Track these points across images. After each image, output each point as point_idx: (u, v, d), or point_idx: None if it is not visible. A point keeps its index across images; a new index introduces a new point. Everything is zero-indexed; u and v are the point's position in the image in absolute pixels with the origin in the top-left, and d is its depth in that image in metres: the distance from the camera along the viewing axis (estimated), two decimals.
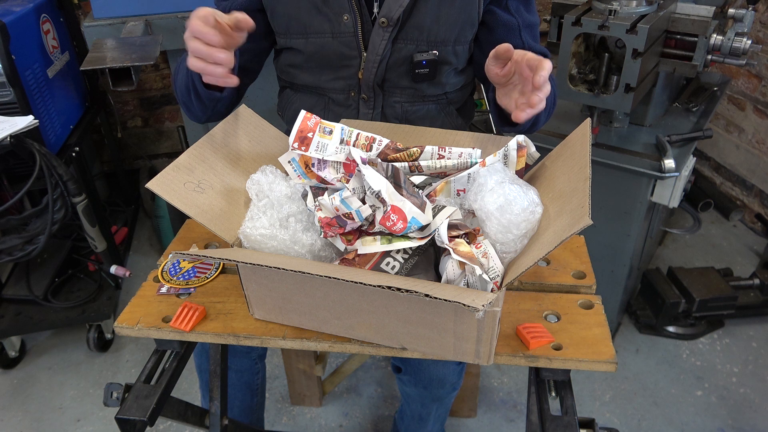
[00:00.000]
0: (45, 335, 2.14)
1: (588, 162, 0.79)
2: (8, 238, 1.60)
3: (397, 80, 1.16)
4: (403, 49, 1.12)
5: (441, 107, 1.23)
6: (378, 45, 1.10)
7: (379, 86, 1.17)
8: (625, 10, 1.50)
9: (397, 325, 0.81)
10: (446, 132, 1.04)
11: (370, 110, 1.20)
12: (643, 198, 1.69)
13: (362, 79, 1.16)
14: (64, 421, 1.84)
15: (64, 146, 1.85)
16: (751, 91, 2.48)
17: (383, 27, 1.09)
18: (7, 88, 1.57)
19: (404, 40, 1.11)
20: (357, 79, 1.17)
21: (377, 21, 1.09)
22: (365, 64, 1.13)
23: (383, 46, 1.10)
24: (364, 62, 1.14)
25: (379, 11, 1.09)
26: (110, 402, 0.94)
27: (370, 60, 1.13)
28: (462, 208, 0.88)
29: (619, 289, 1.91)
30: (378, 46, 1.11)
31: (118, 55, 1.58)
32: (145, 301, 0.96)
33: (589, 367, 0.83)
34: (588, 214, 0.68)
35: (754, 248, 2.48)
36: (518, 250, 0.81)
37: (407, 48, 1.12)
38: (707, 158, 2.79)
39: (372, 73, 1.14)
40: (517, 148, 0.91)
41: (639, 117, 1.78)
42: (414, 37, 1.11)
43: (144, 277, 1.02)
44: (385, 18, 1.08)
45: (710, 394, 1.87)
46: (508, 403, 1.86)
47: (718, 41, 1.56)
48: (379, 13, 1.09)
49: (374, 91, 1.17)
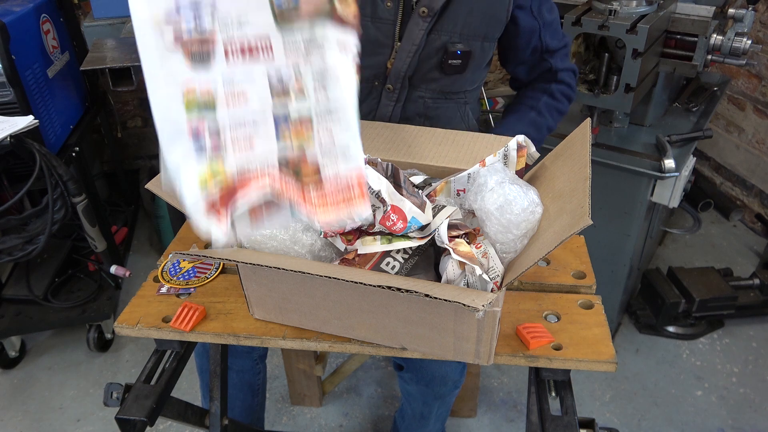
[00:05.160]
0: (45, 335, 2.14)
1: (588, 162, 0.79)
2: (8, 238, 1.60)
3: (426, 72, 1.15)
4: (436, 41, 1.11)
5: (458, 106, 1.23)
6: (415, 35, 1.09)
7: (408, 78, 1.15)
8: (625, 10, 1.51)
9: (397, 325, 0.81)
10: (446, 132, 1.04)
11: (392, 102, 1.18)
12: (643, 198, 1.69)
13: (391, 69, 1.14)
14: (64, 421, 1.84)
15: (64, 146, 1.85)
16: (751, 91, 2.48)
17: (422, 17, 1.08)
18: (7, 88, 1.57)
19: (438, 31, 1.10)
20: (385, 68, 1.15)
21: (416, 10, 1.08)
22: (398, 54, 1.12)
23: (420, 36, 1.09)
24: (396, 51, 1.12)
25: (419, 0, 1.07)
26: (110, 402, 0.94)
27: (404, 49, 1.11)
28: (462, 208, 0.88)
29: (619, 289, 1.91)
30: (415, 35, 1.09)
31: (118, 55, 1.59)
32: (145, 301, 0.96)
33: (589, 367, 0.83)
34: (588, 214, 0.68)
35: (754, 248, 2.48)
36: (518, 250, 0.81)
37: (441, 39, 1.11)
38: (707, 158, 2.79)
39: (405, 63, 1.12)
40: (517, 148, 0.91)
41: (639, 117, 1.78)
42: (449, 28, 1.10)
43: (144, 277, 1.02)
44: (426, 8, 1.07)
45: (710, 394, 1.87)
46: (508, 403, 1.86)
47: (718, 41, 1.56)
48: (418, 2, 1.08)
49: (402, 82, 1.15)
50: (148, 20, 0.62)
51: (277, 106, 0.70)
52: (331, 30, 0.67)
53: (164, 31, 0.62)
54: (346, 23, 0.68)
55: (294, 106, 0.71)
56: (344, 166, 0.72)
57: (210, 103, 0.66)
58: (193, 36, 0.64)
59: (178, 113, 0.66)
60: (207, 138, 0.67)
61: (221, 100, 0.66)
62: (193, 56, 0.64)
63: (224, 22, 0.65)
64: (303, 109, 0.71)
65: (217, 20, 0.64)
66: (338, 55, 0.69)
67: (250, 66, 0.67)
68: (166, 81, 0.64)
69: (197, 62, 0.64)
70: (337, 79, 0.70)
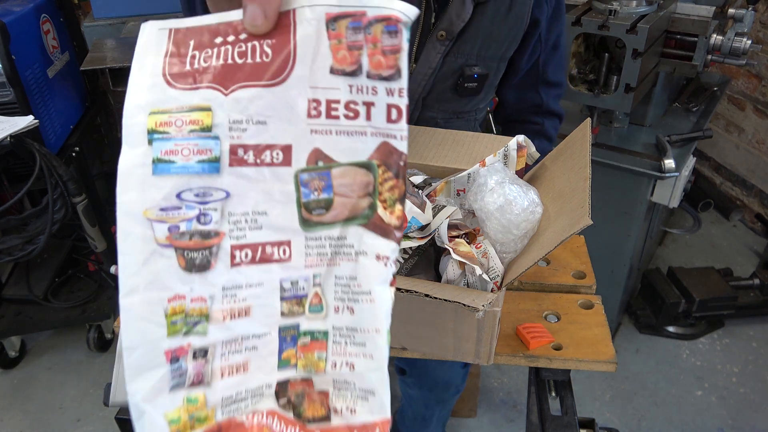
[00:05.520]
0: (45, 335, 2.14)
1: (588, 162, 0.79)
2: (8, 238, 1.60)
3: (440, 94, 1.11)
4: (452, 63, 1.07)
5: (469, 123, 1.20)
6: (432, 58, 1.05)
7: (422, 99, 1.12)
8: (625, 10, 1.50)
9: (397, 325, 0.80)
10: (446, 132, 1.04)
11: None
12: (643, 198, 1.69)
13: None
14: (64, 421, 1.84)
15: (64, 146, 1.85)
16: (751, 91, 2.48)
17: (440, 40, 1.03)
18: (7, 88, 1.57)
19: (455, 53, 1.06)
20: None
21: (434, 33, 1.03)
22: (413, 76, 1.07)
23: (437, 59, 1.05)
24: (412, 74, 1.08)
25: (436, 23, 1.03)
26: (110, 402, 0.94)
27: (420, 72, 1.07)
28: (462, 208, 0.88)
29: (619, 289, 1.91)
30: (432, 59, 1.05)
31: (118, 55, 1.59)
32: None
33: (589, 367, 0.83)
34: (588, 214, 0.68)
35: (754, 248, 2.48)
36: (518, 250, 0.81)
37: (457, 62, 1.07)
38: (707, 158, 2.79)
39: (420, 85, 1.08)
40: (517, 148, 0.91)
41: (639, 117, 1.78)
42: (466, 51, 1.06)
43: None
44: (444, 31, 1.02)
45: (710, 394, 1.87)
46: (508, 403, 1.86)
47: (718, 41, 1.56)
48: (435, 24, 1.03)
49: (416, 104, 1.12)
50: (135, 212, 0.46)
51: (285, 322, 0.54)
52: (368, 237, 0.51)
53: (155, 226, 0.46)
54: (389, 232, 0.51)
55: (307, 322, 0.54)
56: (362, 412, 0.53)
57: (201, 319, 0.50)
58: (193, 238, 0.47)
59: (156, 332, 0.49)
60: (189, 363, 0.50)
61: (216, 316, 0.50)
62: (190, 262, 0.48)
63: (236, 219, 0.49)
64: (318, 326, 0.54)
65: (227, 218, 0.48)
66: (373, 264, 0.52)
67: (260, 273, 0.51)
68: (146, 285, 0.47)
69: (193, 269, 0.48)
70: (367, 294, 0.53)
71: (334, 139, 0.48)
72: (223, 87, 0.45)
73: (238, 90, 0.45)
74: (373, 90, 0.46)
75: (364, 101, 0.47)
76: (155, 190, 0.45)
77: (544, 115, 1.19)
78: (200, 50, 0.45)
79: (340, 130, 0.48)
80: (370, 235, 0.51)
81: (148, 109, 0.44)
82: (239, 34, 0.45)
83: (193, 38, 0.45)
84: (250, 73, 0.45)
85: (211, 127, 0.45)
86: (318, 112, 0.47)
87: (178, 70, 0.45)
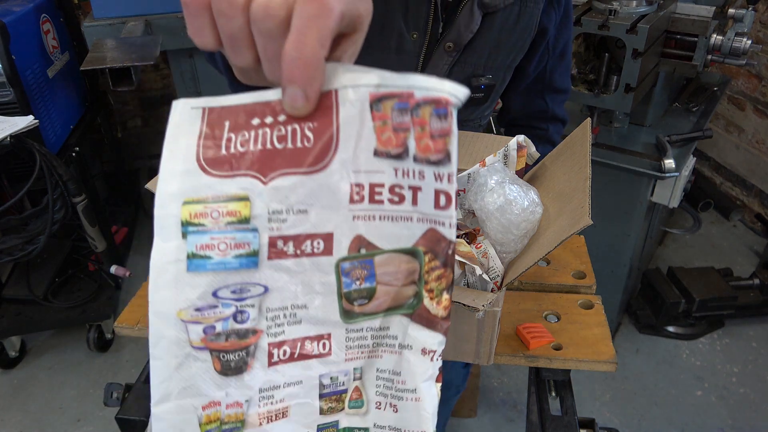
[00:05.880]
0: (45, 335, 2.14)
1: (588, 162, 0.79)
2: (8, 238, 1.60)
3: None
4: (459, 74, 1.05)
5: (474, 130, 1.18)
6: (439, 69, 1.03)
7: None
8: (625, 10, 1.51)
9: None
10: None
11: None
12: (643, 198, 1.69)
13: None
14: (64, 421, 1.84)
15: (64, 146, 1.85)
16: (751, 91, 2.48)
17: (447, 51, 1.02)
18: (7, 88, 1.57)
19: (462, 64, 1.05)
20: None
21: (442, 44, 1.02)
22: None
23: (444, 70, 1.04)
24: None
25: (444, 33, 1.01)
26: (110, 402, 0.94)
27: None
28: (462, 208, 0.88)
29: (619, 289, 1.91)
30: (439, 70, 1.03)
31: (118, 55, 1.58)
32: (145, 301, 0.96)
33: (589, 367, 0.83)
34: (588, 214, 0.68)
35: (754, 248, 2.48)
36: (518, 250, 0.80)
37: (464, 73, 1.05)
38: (707, 158, 2.79)
39: None
40: (517, 148, 0.91)
41: (639, 117, 1.78)
42: (472, 61, 1.05)
43: (144, 277, 1.02)
44: (452, 42, 1.01)
45: (710, 394, 1.87)
46: (508, 403, 1.86)
47: (718, 41, 1.56)
48: (443, 35, 1.01)
49: None
50: (168, 312, 0.42)
51: (324, 420, 0.50)
52: (413, 329, 0.48)
53: (190, 327, 0.43)
54: (435, 324, 0.47)
55: (346, 418, 0.51)
56: None
57: (237, 425, 0.47)
58: (229, 339, 0.44)
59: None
60: None
61: (252, 420, 0.47)
62: (225, 365, 0.44)
63: (274, 315, 0.45)
64: (358, 423, 0.52)
65: (264, 314, 0.44)
66: (419, 360, 0.49)
67: (298, 371, 0.47)
68: (179, 392, 0.44)
69: (229, 372, 0.45)
70: (413, 392, 0.50)
71: (378, 224, 0.45)
72: (261, 174, 0.41)
73: (278, 178, 0.41)
74: (420, 174, 0.43)
75: (410, 185, 0.44)
76: (190, 289, 0.41)
77: (549, 120, 1.19)
78: (236, 132, 0.41)
79: (384, 215, 0.45)
80: (415, 327, 0.48)
81: (182, 198, 0.40)
82: (278, 116, 0.41)
83: (229, 119, 0.41)
84: (290, 159, 0.41)
85: (250, 219, 0.41)
86: (361, 197, 0.44)
87: (213, 154, 0.41)
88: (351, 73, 0.42)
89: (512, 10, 0.99)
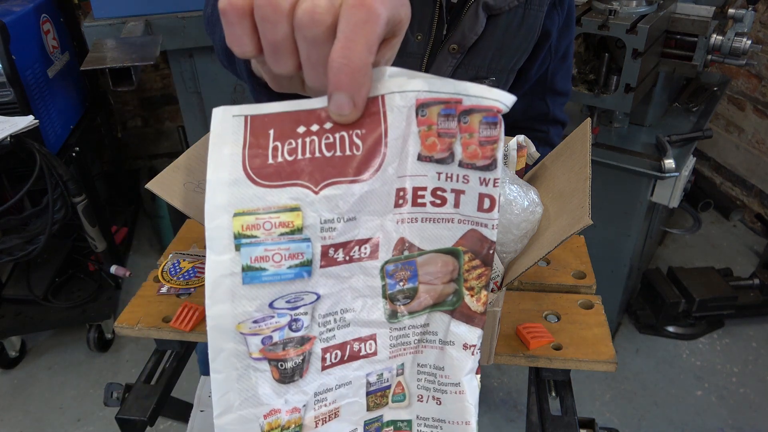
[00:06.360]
0: (45, 335, 2.14)
1: (588, 162, 0.79)
2: (8, 238, 1.60)
3: None
4: (463, 75, 1.05)
5: None
6: (443, 71, 1.03)
7: None
8: (625, 10, 1.51)
9: None
10: None
11: None
12: (643, 198, 1.69)
13: None
14: (64, 421, 1.84)
15: (64, 146, 1.85)
16: (751, 91, 2.48)
17: (452, 53, 1.02)
18: (7, 88, 1.57)
19: (466, 66, 1.05)
20: None
21: (446, 46, 1.02)
22: None
23: (448, 72, 1.04)
24: None
25: (448, 35, 1.01)
26: (110, 402, 0.94)
27: None
28: None
29: (619, 289, 1.91)
30: (443, 72, 1.03)
31: (118, 55, 1.58)
32: (145, 301, 0.96)
33: (589, 367, 0.83)
34: (588, 214, 0.68)
35: (754, 248, 2.48)
36: (518, 250, 0.80)
37: (468, 74, 1.05)
38: (707, 158, 2.79)
39: None
40: (517, 148, 0.91)
41: (639, 117, 1.79)
42: (476, 63, 1.05)
43: (144, 277, 1.02)
44: (457, 44, 1.01)
45: (710, 394, 1.87)
46: (508, 403, 1.86)
47: (718, 41, 1.56)
48: (447, 37, 1.01)
49: None
50: (227, 326, 0.42)
51: (370, 416, 0.52)
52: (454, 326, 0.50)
53: (249, 340, 0.43)
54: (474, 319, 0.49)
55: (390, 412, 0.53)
56: None
57: (296, 430, 0.48)
58: (286, 348, 0.44)
59: None
60: None
61: (309, 424, 0.48)
62: (283, 373, 0.45)
63: (325, 320, 0.46)
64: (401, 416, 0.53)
65: (316, 321, 0.45)
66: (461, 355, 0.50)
67: (348, 372, 0.49)
68: (241, 403, 0.44)
69: (287, 380, 0.45)
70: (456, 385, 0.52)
71: (420, 226, 0.46)
72: (312, 184, 0.40)
73: (329, 187, 0.41)
74: (464, 178, 0.44)
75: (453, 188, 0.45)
76: (247, 302, 0.41)
77: (550, 123, 1.19)
78: (282, 141, 0.40)
79: (426, 217, 0.46)
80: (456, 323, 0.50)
81: (232, 209, 0.40)
82: (324, 123, 0.40)
83: (273, 127, 0.40)
84: (340, 167, 0.41)
85: (302, 229, 0.41)
86: (404, 201, 0.45)
87: (260, 163, 0.40)
88: (397, 79, 0.41)
89: (516, 13, 0.99)
